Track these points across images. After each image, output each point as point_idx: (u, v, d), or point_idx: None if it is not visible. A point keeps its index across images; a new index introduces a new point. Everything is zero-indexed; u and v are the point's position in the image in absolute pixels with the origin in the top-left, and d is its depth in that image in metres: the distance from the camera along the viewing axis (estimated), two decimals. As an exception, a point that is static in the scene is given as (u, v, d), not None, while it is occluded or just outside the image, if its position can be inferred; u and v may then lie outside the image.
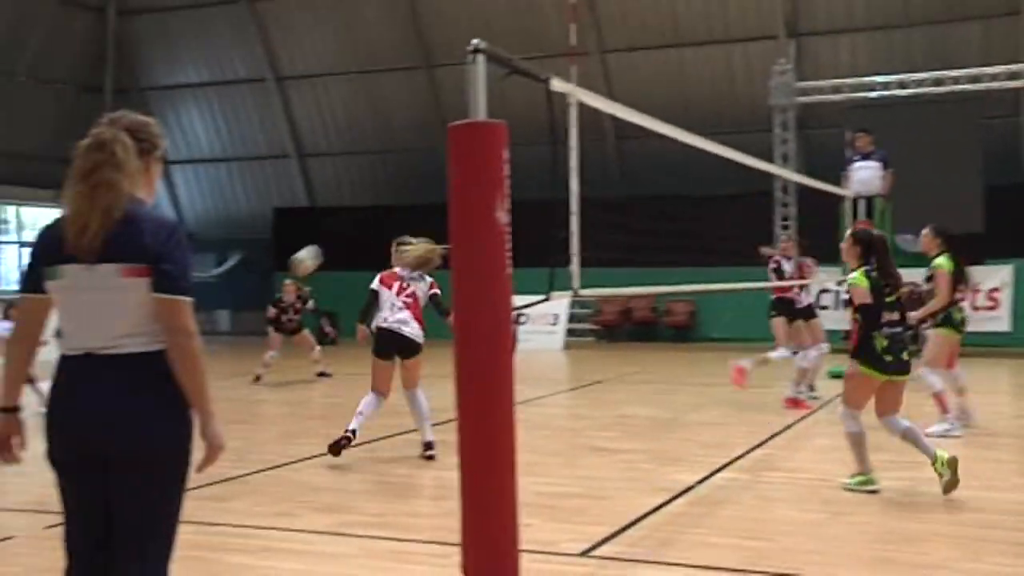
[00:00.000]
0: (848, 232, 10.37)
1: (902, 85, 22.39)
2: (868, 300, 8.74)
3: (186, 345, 3.99)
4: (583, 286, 7.86)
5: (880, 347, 8.63)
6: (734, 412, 13.57)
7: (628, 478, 9.66)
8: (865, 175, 19.29)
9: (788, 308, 14.50)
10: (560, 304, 23.73)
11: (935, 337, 12.11)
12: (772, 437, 11.71)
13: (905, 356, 8.80)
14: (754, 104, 25.02)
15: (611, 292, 11.37)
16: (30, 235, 30.21)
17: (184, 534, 4.29)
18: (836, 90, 23.17)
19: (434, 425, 10.60)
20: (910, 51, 24.89)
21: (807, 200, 21.31)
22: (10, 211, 29.68)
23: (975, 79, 22.02)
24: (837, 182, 19.24)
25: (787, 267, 14.77)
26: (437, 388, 12.17)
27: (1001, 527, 7.82)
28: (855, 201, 18.91)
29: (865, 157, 19.42)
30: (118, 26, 30.57)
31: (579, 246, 7.61)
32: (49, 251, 4.07)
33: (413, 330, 10.44)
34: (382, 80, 29.09)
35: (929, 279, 12.03)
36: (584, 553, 7.14)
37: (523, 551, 6.15)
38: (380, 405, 10.52)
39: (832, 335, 22.89)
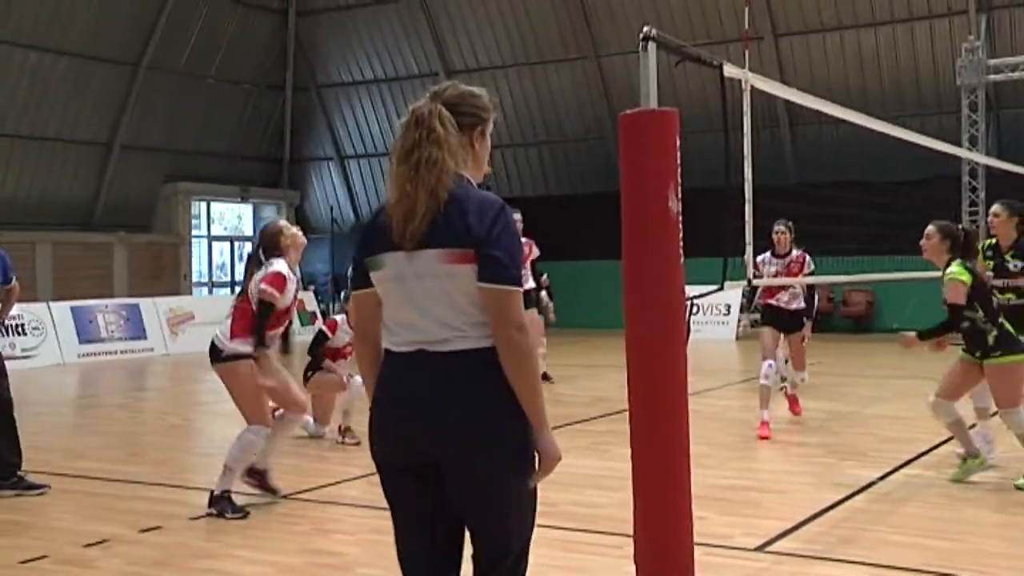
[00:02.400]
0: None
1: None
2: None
3: (517, 340, 3.58)
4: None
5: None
6: (917, 405, 13.11)
7: (804, 472, 9.46)
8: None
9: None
10: (734, 294, 23.36)
11: None
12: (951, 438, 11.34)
13: None
14: (940, 85, 24.32)
15: (784, 281, 11.12)
16: (218, 230, 31.06)
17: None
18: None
19: (605, 416, 10.49)
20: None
21: (998, 184, 20.67)
22: (201, 207, 30.35)
23: None
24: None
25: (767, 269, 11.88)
26: (604, 379, 12.20)
27: None
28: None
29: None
30: (298, 26, 31.21)
31: (752, 235, 7.47)
32: (372, 240, 3.74)
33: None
34: (551, 71, 29.11)
35: None
36: (759, 548, 7.00)
37: (697, 544, 6.07)
38: None
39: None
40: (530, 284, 12.56)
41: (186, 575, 6.63)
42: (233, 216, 31.58)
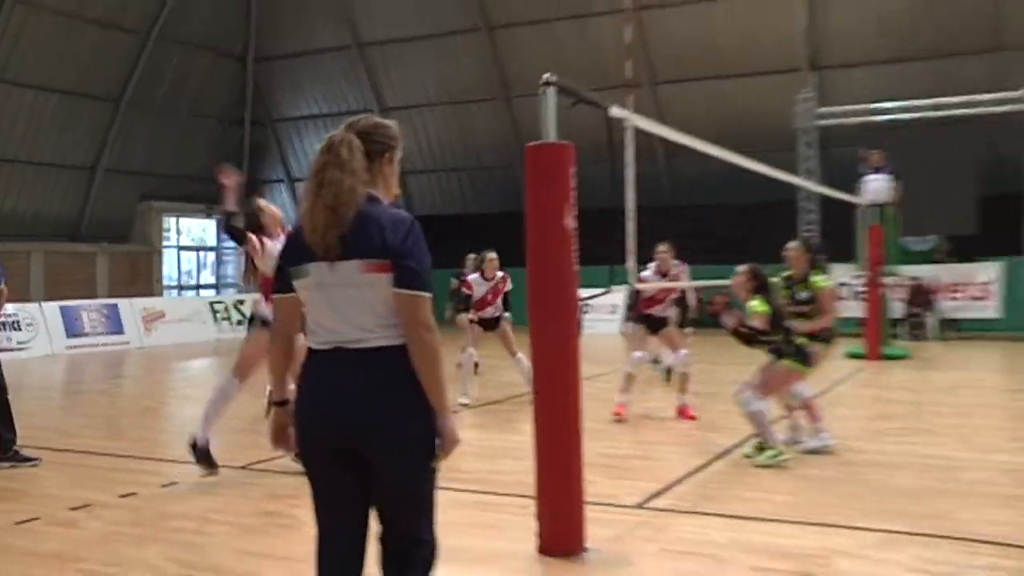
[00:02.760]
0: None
1: (907, 110, 22.03)
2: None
3: (426, 340, 3.51)
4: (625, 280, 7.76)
5: None
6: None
7: (677, 443, 9.55)
8: (877, 186, 19.27)
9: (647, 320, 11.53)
10: (619, 296, 23.47)
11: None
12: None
13: None
14: (782, 127, 24.74)
15: (660, 285, 11.19)
16: (186, 241, 30.73)
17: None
18: (851, 114, 22.86)
19: (514, 398, 10.50)
20: (915, 81, 24.37)
21: (828, 208, 21.12)
22: (172, 222, 30.04)
23: (969, 104, 21.64)
24: (853, 192, 19.05)
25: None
26: (512, 368, 12.22)
27: (993, 483, 7.63)
28: (868, 208, 18.71)
29: (877, 171, 19.46)
30: (256, 71, 30.99)
31: (635, 246, 7.49)
32: (297, 251, 3.63)
33: None
34: (470, 109, 29.13)
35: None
36: (638, 505, 7.05)
37: (588, 503, 6.12)
38: None
39: (846, 322, 22.72)
40: (499, 312, 12.45)
41: (158, 532, 6.53)
42: (199, 229, 31.31)
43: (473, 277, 12.65)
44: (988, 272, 22.70)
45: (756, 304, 8.64)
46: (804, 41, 25.20)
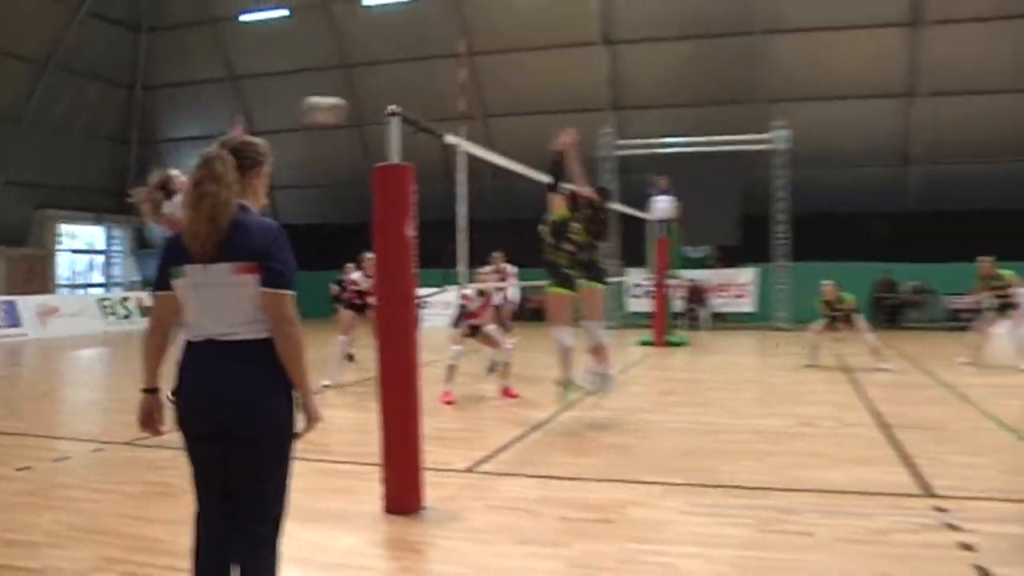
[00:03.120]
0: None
1: (687, 145, 22.77)
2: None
3: (290, 333, 3.40)
4: (469, 281, 7.71)
5: None
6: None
7: (500, 417, 9.53)
8: (663, 206, 19.58)
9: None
10: (450, 294, 23.31)
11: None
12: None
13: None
14: (589, 156, 25.13)
15: (487, 286, 11.21)
16: (79, 245, 29.34)
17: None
18: (644, 147, 23.39)
19: (364, 381, 10.34)
20: (692, 122, 25.25)
21: (625, 223, 21.53)
22: (65, 228, 28.58)
23: (732, 143, 22.55)
24: (645, 210, 19.48)
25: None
26: (360, 355, 12.05)
27: (748, 442, 7.89)
28: (657, 223, 19.14)
29: (663, 193, 19.79)
30: (143, 97, 29.79)
31: (466, 253, 7.44)
32: (175, 254, 3.46)
33: None
34: (328, 135, 28.65)
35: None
36: (468, 470, 7.00)
37: (426, 469, 6.04)
38: None
39: (638, 316, 23.28)
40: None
41: (51, 501, 6.15)
42: (89, 235, 29.85)
43: (356, 275, 12.45)
44: (746, 275, 23.70)
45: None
46: (607, 86, 25.74)
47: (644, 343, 17.85)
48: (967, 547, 4.99)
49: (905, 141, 25.10)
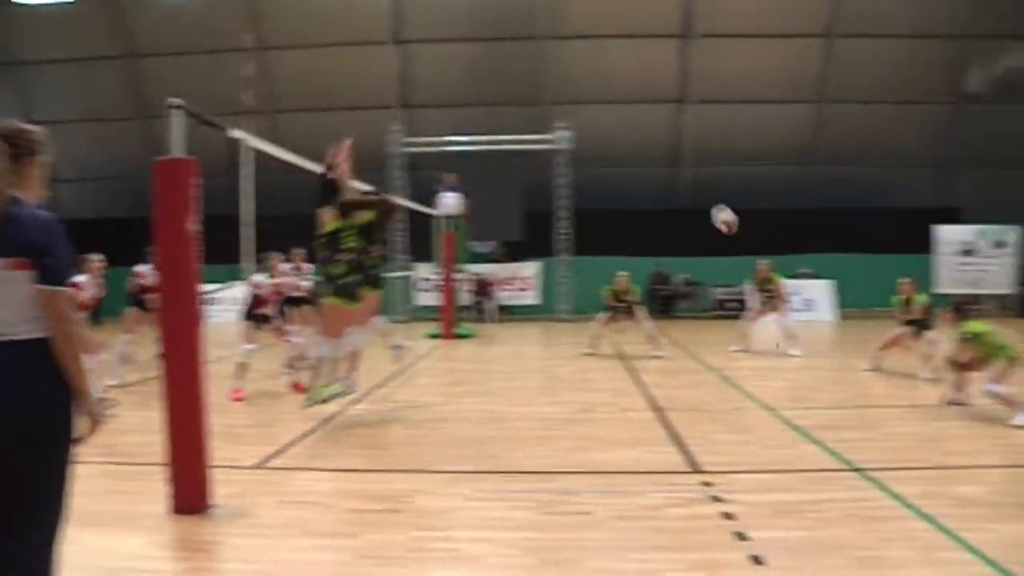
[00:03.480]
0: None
1: (473, 144, 23.11)
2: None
3: (67, 331, 3.20)
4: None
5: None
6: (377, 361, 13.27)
7: (291, 412, 9.33)
8: (450, 202, 19.79)
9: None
10: (239, 289, 22.48)
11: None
12: (390, 378, 11.65)
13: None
14: (378, 152, 25.11)
15: (278, 281, 10.96)
16: None
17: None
18: (432, 145, 23.57)
19: (149, 379, 9.87)
20: (479, 121, 25.70)
21: (414, 218, 21.62)
22: None
23: (517, 142, 23.11)
24: (432, 206, 19.62)
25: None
26: (146, 351, 11.44)
27: (531, 428, 8.14)
28: (444, 219, 19.29)
29: (451, 190, 20.00)
30: None
31: (252, 248, 7.25)
32: None
33: None
34: (113, 127, 27.07)
35: None
36: (257, 465, 6.83)
37: (214, 466, 5.85)
38: None
39: (427, 309, 23.44)
40: None
41: None
42: None
43: (143, 267, 11.75)
44: (530, 270, 24.33)
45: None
46: (396, 84, 25.67)
47: (432, 336, 17.98)
48: (729, 516, 5.37)
49: (677, 144, 26.57)
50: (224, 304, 23.39)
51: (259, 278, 10.42)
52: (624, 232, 24.46)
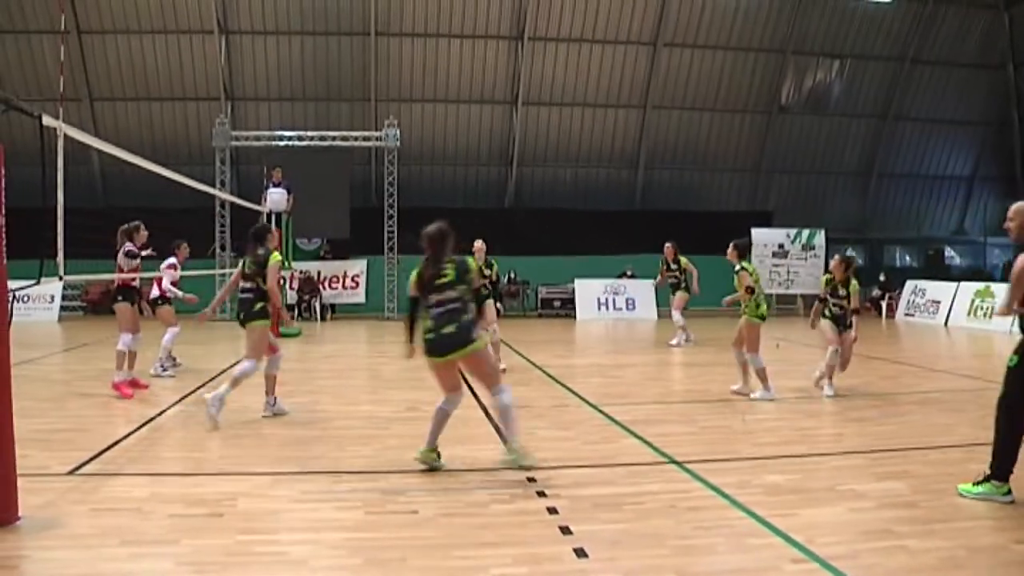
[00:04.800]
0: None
1: (300, 139, 22.68)
2: None
3: None
4: (73, 272, 7.13)
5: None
6: (193, 364, 12.81)
7: (107, 415, 8.88)
8: (276, 198, 19.46)
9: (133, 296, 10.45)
10: (55, 286, 21.19)
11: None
12: (212, 378, 11.26)
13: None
14: (203, 145, 24.24)
15: (89, 278, 10.45)
16: None
17: None
18: (258, 139, 22.95)
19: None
20: (306, 117, 25.28)
21: (238, 214, 21.01)
22: None
23: (345, 138, 22.83)
24: (258, 201, 19.14)
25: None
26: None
27: (356, 427, 8.08)
28: (269, 215, 18.84)
29: (277, 185, 19.59)
30: None
31: (64, 243, 6.87)
32: None
33: None
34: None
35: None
36: (70, 472, 6.46)
37: (21, 475, 5.49)
38: None
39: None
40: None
41: None
42: None
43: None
44: (357, 267, 24.06)
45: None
46: (223, 76, 24.83)
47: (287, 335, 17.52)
48: (553, 510, 5.51)
49: (507, 145, 26.92)
50: (38, 302, 22.00)
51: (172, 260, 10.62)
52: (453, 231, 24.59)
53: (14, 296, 5.65)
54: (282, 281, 18.98)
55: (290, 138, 22.81)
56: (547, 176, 27.40)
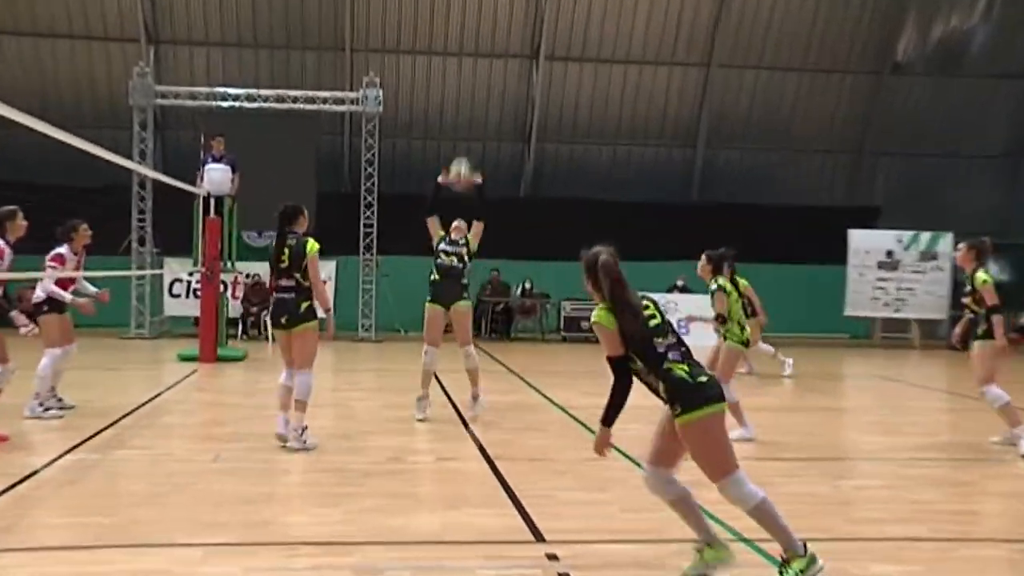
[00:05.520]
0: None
1: (250, 98, 22.70)
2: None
3: None
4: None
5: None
6: (84, 394, 12.73)
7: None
8: (217, 176, 19.14)
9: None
10: None
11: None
12: (122, 418, 11.18)
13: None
14: (115, 102, 24.21)
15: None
16: None
17: None
18: (192, 96, 22.99)
19: None
20: (258, 69, 25.27)
21: (163, 195, 20.99)
22: None
23: (311, 100, 22.83)
24: (192, 181, 19.09)
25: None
26: None
27: (318, 483, 7.98)
28: (207, 199, 18.75)
29: (217, 160, 19.37)
30: None
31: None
32: None
33: None
34: None
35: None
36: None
37: None
38: None
39: (179, 321, 22.80)
40: None
41: None
42: None
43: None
44: (323, 272, 23.81)
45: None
46: (143, 10, 24.79)
47: (185, 358, 17.49)
48: (580, 601, 5.39)
49: (526, 112, 26.83)
50: None
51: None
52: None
53: None
54: (222, 288, 18.94)
55: (236, 97, 22.82)
56: (576, 156, 27.34)
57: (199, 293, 18.83)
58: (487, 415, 11.65)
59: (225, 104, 22.76)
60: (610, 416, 5.64)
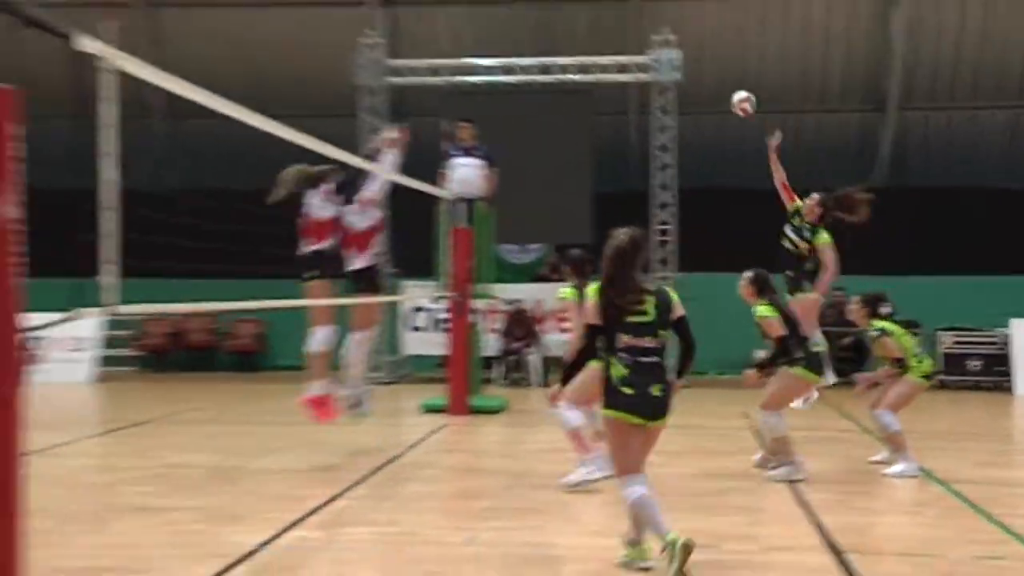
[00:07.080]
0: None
1: (507, 70, 22.91)
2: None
3: None
4: (122, 301, 7.48)
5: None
6: (311, 458, 13.23)
7: (175, 543, 9.22)
8: (467, 173, 19.12)
9: None
10: (89, 324, 22.15)
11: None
12: (354, 485, 11.55)
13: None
14: (339, 82, 24.81)
15: (159, 309, 10.98)
16: None
17: None
18: (434, 72, 23.54)
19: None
20: (515, 31, 25.31)
21: (397, 200, 21.37)
22: None
23: (585, 69, 22.98)
24: (433, 180, 19.33)
25: None
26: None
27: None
28: (454, 203, 18.86)
29: (466, 153, 19.25)
30: None
31: (117, 250, 7.22)
32: None
33: None
34: None
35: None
36: None
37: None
38: None
39: (421, 361, 23.30)
40: None
41: None
42: None
43: None
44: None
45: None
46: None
47: (430, 409, 17.85)
48: None
49: (886, 65, 26.08)
50: (58, 349, 23.17)
51: None
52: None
53: (33, 338, 5.97)
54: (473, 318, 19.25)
55: (489, 69, 23.12)
56: (953, 126, 26.45)
57: (446, 326, 19.12)
58: (825, 487, 11.44)
59: (476, 80, 23.11)
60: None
